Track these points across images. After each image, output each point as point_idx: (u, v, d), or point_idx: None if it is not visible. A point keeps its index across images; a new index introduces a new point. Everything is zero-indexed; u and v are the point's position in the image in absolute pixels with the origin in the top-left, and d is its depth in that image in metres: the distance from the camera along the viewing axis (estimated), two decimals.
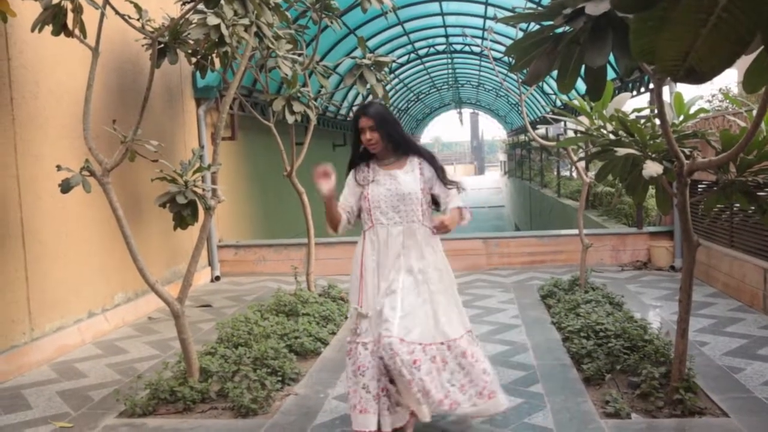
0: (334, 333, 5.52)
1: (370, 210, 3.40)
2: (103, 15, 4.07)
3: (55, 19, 4.10)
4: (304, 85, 6.37)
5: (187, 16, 4.73)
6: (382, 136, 3.38)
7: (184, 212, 4.00)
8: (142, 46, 5.93)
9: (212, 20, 4.64)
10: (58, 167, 3.84)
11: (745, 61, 1.26)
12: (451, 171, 3.56)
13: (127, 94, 6.48)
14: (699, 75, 0.90)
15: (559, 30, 1.99)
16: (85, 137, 4.01)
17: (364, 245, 3.41)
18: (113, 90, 6.27)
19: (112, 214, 3.94)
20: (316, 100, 6.56)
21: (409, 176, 3.41)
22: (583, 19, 1.82)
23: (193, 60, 5.99)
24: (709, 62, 0.86)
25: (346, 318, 5.99)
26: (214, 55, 5.93)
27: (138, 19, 4.36)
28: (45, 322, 5.21)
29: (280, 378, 4.29)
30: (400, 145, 3.46)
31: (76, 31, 4.19)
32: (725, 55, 0.85)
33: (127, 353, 5.32)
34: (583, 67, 1.94)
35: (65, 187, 3.80)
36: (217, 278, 8.37)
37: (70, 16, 4.16)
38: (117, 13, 4.06)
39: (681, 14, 0.83)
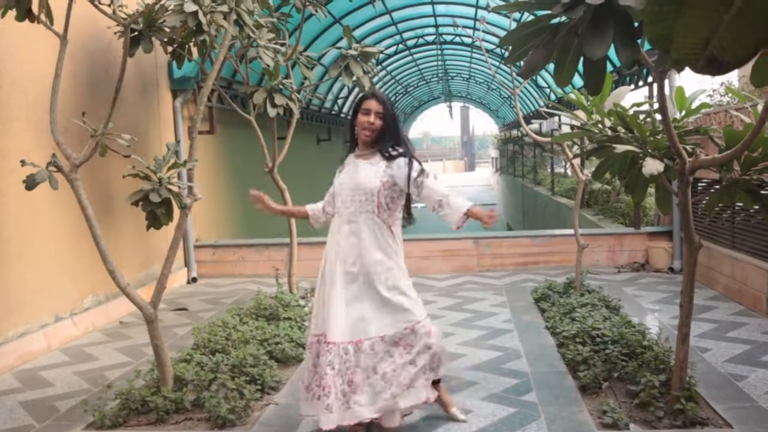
0: None
1: (334, 197, 3.64)
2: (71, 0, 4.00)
3: (19, 4, 4.02)
4: (287, 76, 6.32)
5: (162, 2, 4.67)
6: (382, 127, 3.50)
7: (157, 211, 3.94)
8: (115, 33, 5.85)
9: (189, 7, 4.58)
10: (23, 162, 3.77)
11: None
12: (439, 169, 3.61)
13: (98, 85, 6.40)
14: (720, 65, 0.87)
15: (557, 20, 1.97)
16: (52, 130, 3.94)
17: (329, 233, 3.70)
18: (83, 80, 6.19)
19: (81, 213, 3.88)
20: (299, 92, 6.51)
21: (372, 169, 3.50)
22: (583, 8, 1.79)
23: (169, 49, 5.92)
24: (732, 51, 0.83)
25: None
26: (191, 44, 5.86)
27: (109, 5, 4.29)
28: (8, 327, 5.13)
29: (259, 386, 4.25)
30: (390, 141, 3.52)
31: (42, 17, 4.11)
32: (750, 44, 0.81)
33: (96, 360, 5.25)
34: (582, 59, 1.92)
35: (30, 183, 3.73)
36: (194, 280, 8.31)
37: (35, 0, 4.09)
38: None
39: None
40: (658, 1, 0.85)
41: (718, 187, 3.57)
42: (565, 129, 5.64)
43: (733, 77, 15.22)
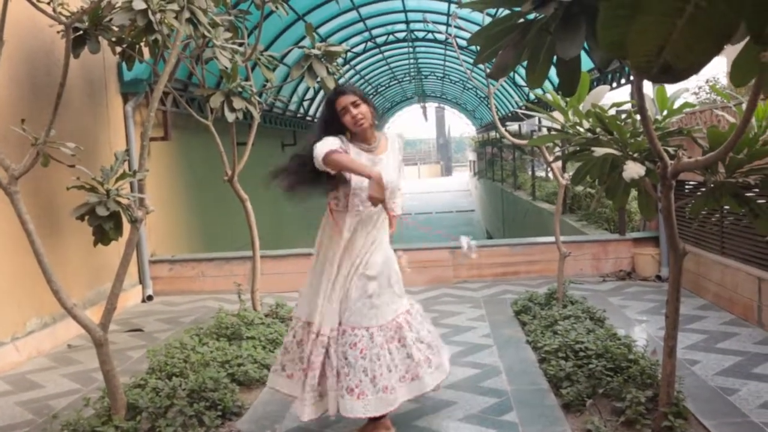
0: None
1: (349, 194, 3.69)
2: None
3: None
4: (246, 78, 6.30)
5: None
6: (369, 111, 3.67)
7: (105, 225, 3.90)
8: (58, 32, 5.79)
9: (138, 4, 4.55)
10: None
11: (735, 50, 1.26)
12: (413, 174, 3.80)
13: (40, 89, 6.32)
14: (675, 72, 0.88)
15: (531, 16, 1.98)
16: None
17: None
18: (22, 84, 6.10)
19: (22, 228, 3.81)
20: (260, 95, 6.49)
21: (392, 161, 3.80)
22: (554, 5, 1.81)
23: (118, 49, 5.87)
24: (687, 58, 0.85)
25: None
26: (142, 44, 5.82)
27: (49, 2, 4.24)
28: None
29: (220, 412, 4.21)
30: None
31: None
32: (705, 50, 0.83)
33: (41, 388, 5.16)
34: (556, 58, 1.94)
35: None
36: (150, 298, 8.21)
37: None
38: None
39: (654, 2, 0.81)
40: (611, 5, 0.86)
41: (704, 190, 3.62)
42: (545, 131, 5.70)
43: (721, 74, 15.49)
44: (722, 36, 0.82)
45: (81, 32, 5.48)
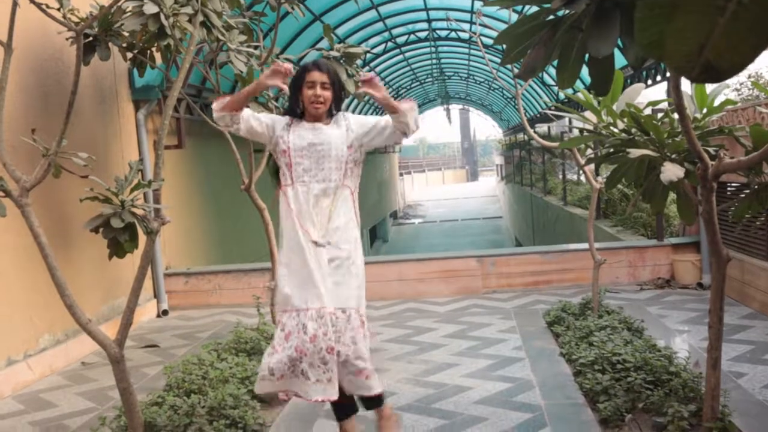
0: None
1: (291, 165, 3.67)
2: (15, 3, 4.02)
3: None
4: None
5: (119, 4, 4.70)
6: (330, 99, 3.70)
7: (120, 238, 3.94)
8: (67, 39, 5.88)
9: (150, 8, 4.62)
10: None
11: None
12: (437, 180, 3.75)
13: (50, 98, 6.42)
14: (717, 72, 0.88)
15: (561, 13, 1.99)
16: None
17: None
18: (32, 93, 6.20)
19: (34, 242, 3.87)
20: (276, 99, 6.54)
21: (335, 131, 3.72)
22: (585, 1, 1.82)
23: (129, 55, 5.96)
24: (730, 57, 0.85)
25: None
26: (153, 50, 5.89)
27: (59, 9, 4.32)
28: None
29: (241, 431, 4.24)
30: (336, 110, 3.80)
31: None
32: (748, 48, 0.83)
33: (55, 407, 5.23)
34: (588, 56, 1.95)
35: None
36: (165, 312, 8.29)
37: None
38: (31, 0, 4.01)
39: (694, 0, 0.81)
40: (648, 4, 0.87)
41: (748, 192, 3.60)
42: (576, 132, 5.69)
43: (764, 69, 15.34)
44: (766, 35, 0.82)
45: (91, 38, 5.57)
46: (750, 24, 0.83)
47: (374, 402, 3.68)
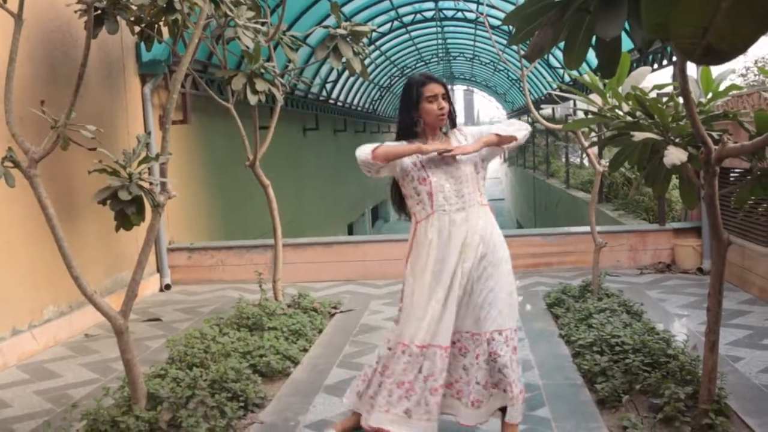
0: (305, 350, 5.52)
1: (432, 194, 3.56)
2: None
3: None
4: (269, 59, 6.35)
5: None
6: (450, 109, 3.64)
7: (128, 210, 3.98)
8: (75, 12, 5.88)
9: None
10: None
11: None
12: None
13: (59, 70, 6.43)
14: (718, 54, 0.91)
15: None
16: (7, 121, 3.96)
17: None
18: (41, 65, 6.21)
19: (41, 213, 3.90)
20: (282, 76, 6.55)
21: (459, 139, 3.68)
22: None
23: (137, 29, 5.96)
24: (731, 40, 0.87)
25: (319, 332, 6.01)
26: (161, 24, 5.89)
27: None
28: None
29: (242, 404, 4.29)
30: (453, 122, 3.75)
31: None
32: (750, 32, 0.85)
33: (59, 378, 5.29)
34: (595, 38, 1.96)
35: None
36: (168, 287, 8.34)
37: None
38: None
39: None
40: None
41: (750, 177, 3.62)
42: (581, 114, 5.68)
43: None
44: (767, 18, 0.85)
45: (99, 12, 5.57)
46: (751, 8, 0.85)
47: None
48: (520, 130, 3.69)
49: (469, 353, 3.53)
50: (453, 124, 3.74)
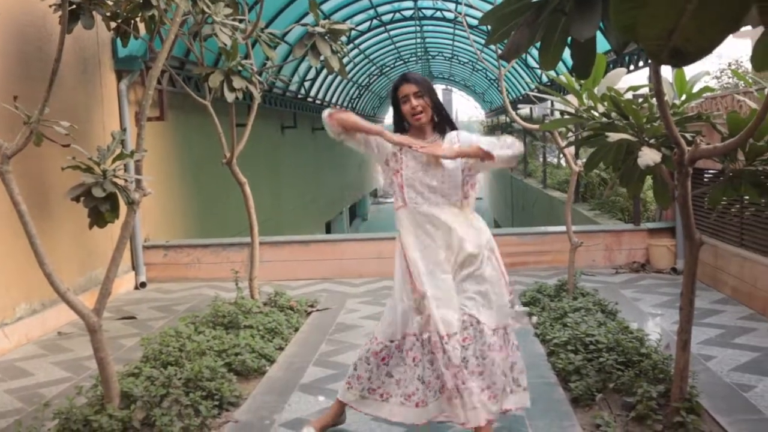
0: (281, 348, 5.50)
1: (403, 187, 3.60)
2: None
3: None
4: (246, 56, 6.33)
5: None
6: (428, 105, 3.64)
7: (101, 207, 3.94)
8: (50, 6, 5.82)
9: None
10: None
11: (759, 32, 1.29)
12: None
13: (32, 65, 6.36)
14: (685, 56, 0.92)
15: None
16: None
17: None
18: (14, 60, 6.14)
19: (13, 210, 3.86)
20: (260, 74, 6.52)
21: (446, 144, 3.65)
22: None
23: (113, 25, 5.90)
24: (697, 42, 0.88)
25: (296, 330, 5.99)
26: (138, 20, 5.85)
27: None
28: None
29: (217, 402, 4.27)
30: (442, 120, 3.73)
31: None
32: (715, 34, 0.87)
33: (31, 376, 5.23)
34: (570, 39, 1.97)
35: None
36: (143, 285, 8.28)
37: None
38: None
39: None
40: None
41: (722, 178, 3.66)
42: (558, 115, 5.74)
43: (745, 58, 15.47)
44: (732, 20, 0.86)
45: (74, 6, 5.51)
46: (716, 10, 0.86)
47: None
48: (507, 149, 3.64)
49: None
50: (449, 125, 3.76)
